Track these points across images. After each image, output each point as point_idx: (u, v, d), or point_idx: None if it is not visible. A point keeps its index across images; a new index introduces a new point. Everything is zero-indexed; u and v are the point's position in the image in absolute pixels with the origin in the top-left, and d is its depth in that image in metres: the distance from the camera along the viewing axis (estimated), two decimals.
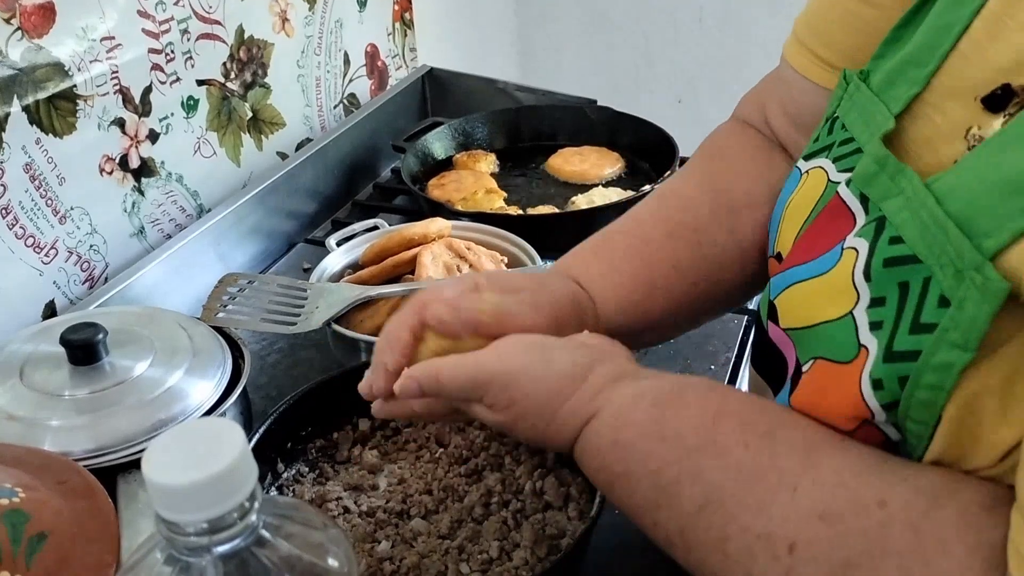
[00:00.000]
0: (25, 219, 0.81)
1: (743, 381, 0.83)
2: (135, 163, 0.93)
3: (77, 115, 0.84)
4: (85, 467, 0.57)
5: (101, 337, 0.66)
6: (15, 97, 0.78)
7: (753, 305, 0.92)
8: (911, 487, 0.39)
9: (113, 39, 0.87)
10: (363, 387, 0.56)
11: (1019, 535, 0.35)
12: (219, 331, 0.73)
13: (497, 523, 0.60)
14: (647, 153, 1.16)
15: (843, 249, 0.44)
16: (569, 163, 1.16)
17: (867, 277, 0.42)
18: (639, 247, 0.63)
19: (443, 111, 1.34)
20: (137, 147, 0.93)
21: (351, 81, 1.28)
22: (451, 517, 0.61)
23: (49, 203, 0.83)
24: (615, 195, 1.06)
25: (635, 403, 0.49)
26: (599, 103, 1.26)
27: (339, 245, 0.91)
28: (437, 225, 0.90)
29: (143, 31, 0.91)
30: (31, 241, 0.82)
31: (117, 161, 0.90)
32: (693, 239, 0.63)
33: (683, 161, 0.99)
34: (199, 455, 0.32)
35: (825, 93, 0.56)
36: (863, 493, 0.40)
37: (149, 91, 0.93)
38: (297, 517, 0.38)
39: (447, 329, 0.54)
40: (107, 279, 0.90)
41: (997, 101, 0.41)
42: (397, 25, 1.36)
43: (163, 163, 0.96)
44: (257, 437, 0.63)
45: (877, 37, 0.51)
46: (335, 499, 0.63)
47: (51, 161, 0.82)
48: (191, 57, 0.97)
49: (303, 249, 1.07)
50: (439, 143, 1.20)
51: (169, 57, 0.94)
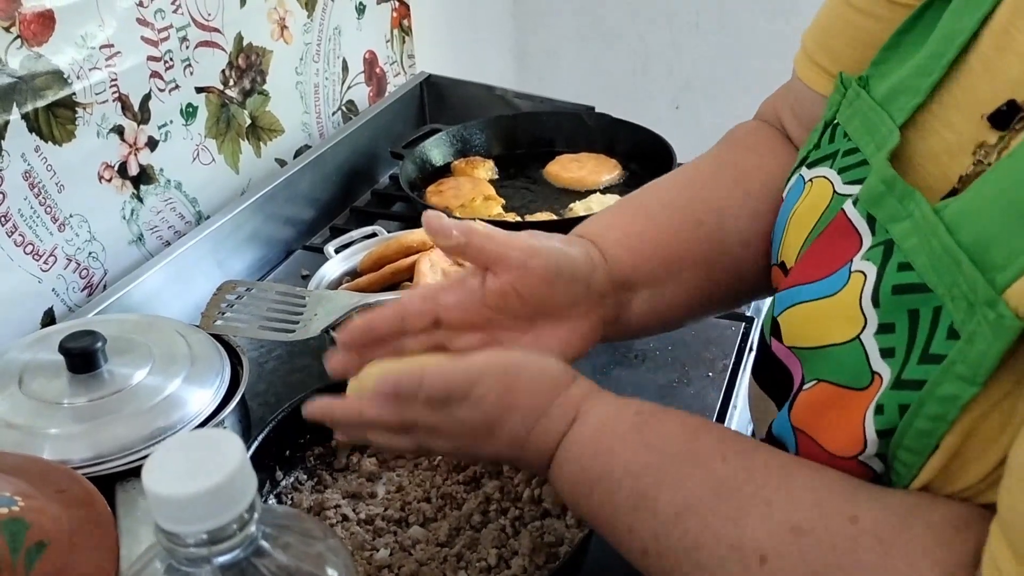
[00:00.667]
0: (24, 227, 0.81)
1: (741, 390, 0.83)
2: (134, 170, 0.93)
3: (76, 123, 0.85)
4: (84, 475, 0.57)
5: (100, 345, 0.66)
6: (14, 105, 0.78)
7: (751, 312, 0.92)
8: (882, 505, 0.40)
9: (112, 47, 0.87)
10: (343, 336, 0.56)
11: (998, 547, 0.35)
12: (217, 338, 0.73)
13: (495, 531, 0.60)
14: (645, 159, 1.16)
15: (851, 272, 0.44)
16: (567, 170, 1.16)
17: (875, 303, 0.41)
18: (632, 198, 0.65)
19: (441, 118, 1.34)
20: (136, 154, 0.93)
21: (349, 88, 1.29)
22: (449, 525, 0.61)
23: (48, 210, 0.83)
24: (613, 202, 1.06)
25: (619, 411, 0.50)
26: (597, 110, 1.26)
27: (337, 252, 0.91)
28: None
29: (142, 39, 0.91)
30: (30, 248, 0.82)
31: (116, 168, 0.90)
32: (695, 186, 0.63)
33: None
34: (199, 466, 0.33)
35: None
36: (835, 509, 0.41)
37: (148, 98, 0.93)
38: (296, 527, 0.38)
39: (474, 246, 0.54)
40: (106, 286, 0.90)
41: (1002, 118, 0.41)
42: (395, 32, 1.36)
43: (162, 170, 0.96)
44: (255, 445, 0.63)
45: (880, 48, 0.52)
46: (333, 507, 0.63)
47: (50, 169, 0.83)
48: (190, 64, 0.98)
49: (301, 256, 1.08)
50: (437, 150, 1.20)
51: (168, 65, 0.95)
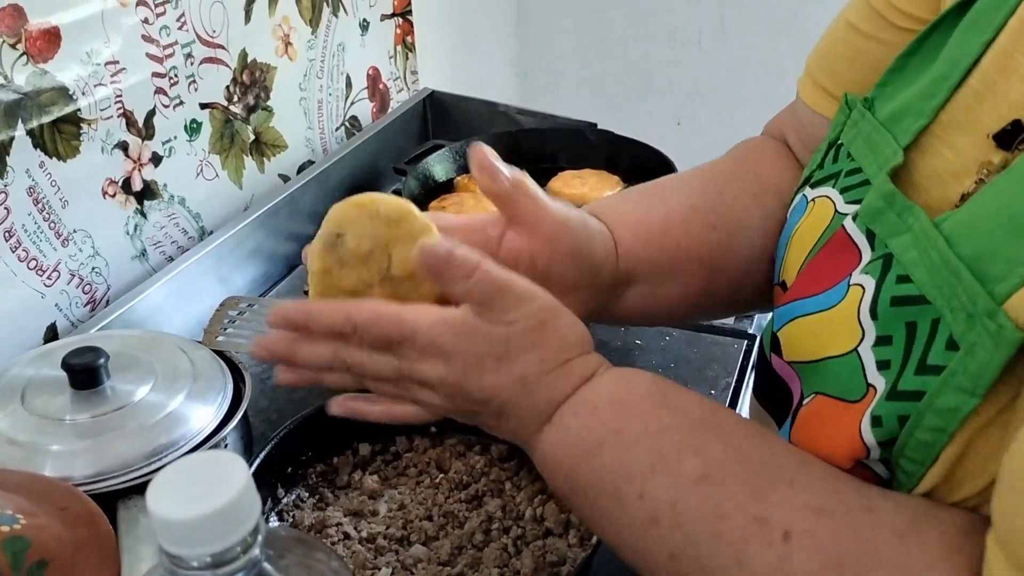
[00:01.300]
0: (28, 242, 0.81)
1: (743, 408, 0.83)
2: (138, 186, 0.93)
3: (81, 139, 0.85)
4: (86, 492, 0.57)
5: (103, 361, 0.66)
6: (19, 121, 0.78)
7: (753, 330, 0.92)
8: (894, 502, 0.40)
9: (117, 63, 0.87)
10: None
11: (995, 563, 0.35)
12: (220, 354, 0.73)
13: (497, 550, 0.60)
14: (647, 176, 1.15)
15: (849, 285, 0.44)
16: (569, 186, 1.16)
17: (873, 315, 0.42)
18: (653, 189, 0.65)
19: (444, 134, 1.34)
20: (140, 170, 0.93)
21: (353, 104, 1.29)
22: (451, 543, 0.61)
23: (52, 226, 0.84)
24: None
25: (638, 374, 0.48)
26: (599, 126, 1.26)
27: None
28: None
29: (147, 55, 0.91)
30: (33, 264, 0.82)
31: (120, 184, 0.91)
32: (714, 189, 0.63)
33: None
34: (203, 489, 0.33)
35: None
36: (852, 497, 0.41)
37: (152, 114, 0.93)
38: (299, 550, 0.38)
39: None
40: (108, 301, 0.90)
41: (1007, 137, 0.42)
42: (399, 48, 1.37)
43: (165, 186, 0.97)
44: (257, 462, 0.63)
45: (884, 72, 0.52)
46: (335, 524, 0.63)
47: (54, 184, 0.83)
48: (194, 81, 0.98)
49: (304, 272, 1.07)
50: (440, 166, 1.20)
51: (173, 81, 0.95)
